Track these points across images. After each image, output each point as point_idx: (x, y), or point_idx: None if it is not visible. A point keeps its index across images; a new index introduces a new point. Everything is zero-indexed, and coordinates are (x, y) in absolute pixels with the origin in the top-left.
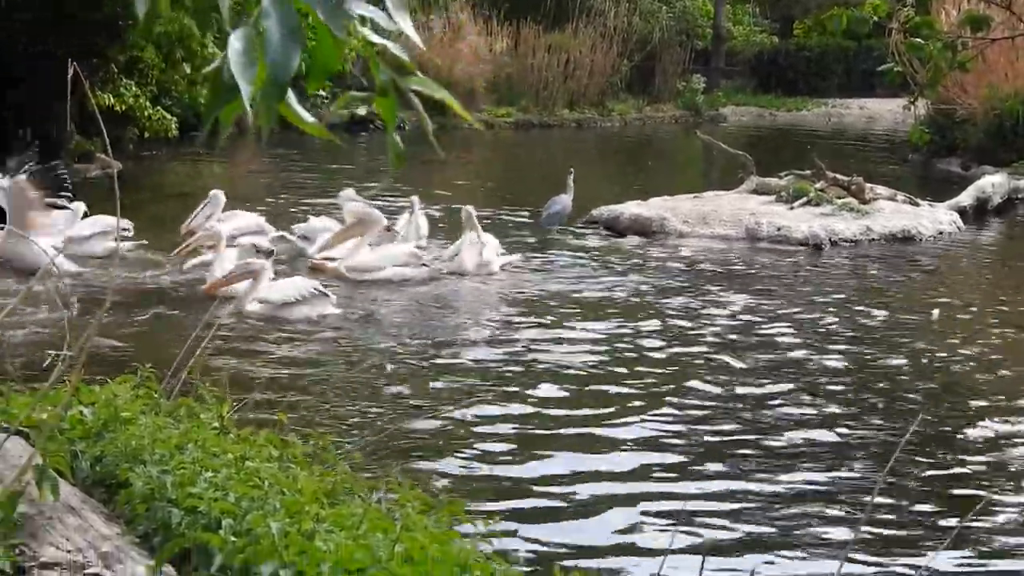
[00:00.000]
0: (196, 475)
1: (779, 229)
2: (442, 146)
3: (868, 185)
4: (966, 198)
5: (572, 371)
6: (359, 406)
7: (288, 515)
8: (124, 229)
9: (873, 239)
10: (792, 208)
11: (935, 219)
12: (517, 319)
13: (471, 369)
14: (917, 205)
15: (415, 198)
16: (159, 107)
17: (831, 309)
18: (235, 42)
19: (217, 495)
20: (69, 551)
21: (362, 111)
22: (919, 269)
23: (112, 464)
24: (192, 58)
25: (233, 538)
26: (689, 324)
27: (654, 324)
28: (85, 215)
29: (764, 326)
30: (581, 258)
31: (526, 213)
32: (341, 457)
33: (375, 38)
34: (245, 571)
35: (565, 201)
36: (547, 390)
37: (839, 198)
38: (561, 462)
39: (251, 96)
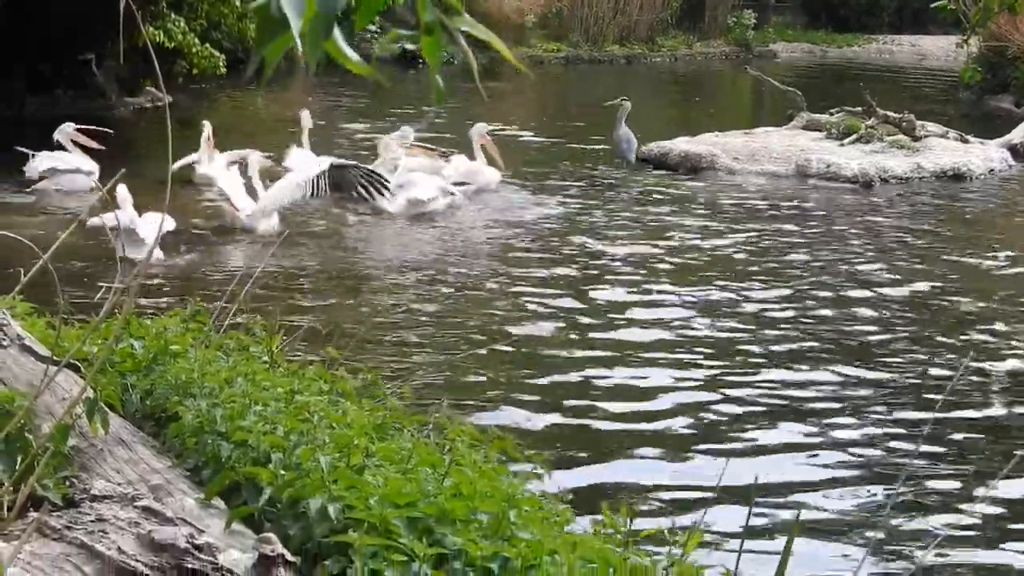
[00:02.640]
0: (245, 409)
1: (829, 166)
2: (494, 79)
3: (919, 122)
4: (1017, 135)
5: (626, 311)
6: (408, 342)
7: (337, 449)
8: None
9: (923, 176)
10: (842, 145)
11: (986, 156)
12: (564, 254)
13: (521, 306)
14: (968, 142)
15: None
16: (207, 44)
17: (887, 249)
18: None
19: (266, 429)
20: (119, 484)
21: (412, 45)
22: (971, 207)
23: (162, 397)
24: None
25: (282, 472)
26: (741, 262)
27: (705, 261)
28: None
29: (816, 266)
30: (633, 194)
31: (585, 145)
32: (390, 392)
33: None
34: (294, 504)
35: (627, 129)
36: (600, 329)
37: (889, 135)
38: (614, 404)
39: (300, 31)
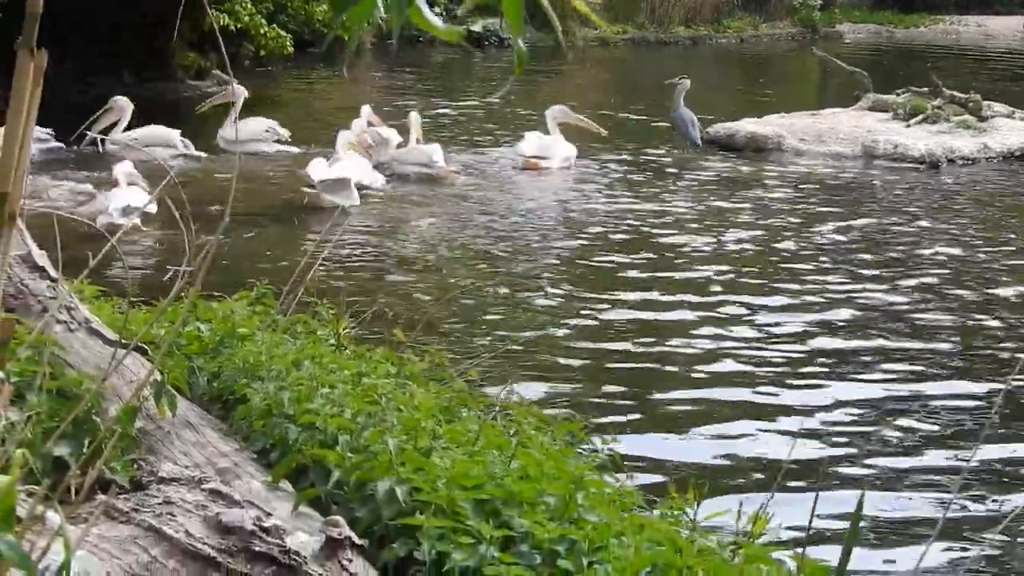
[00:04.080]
0: (313, 391)
1: (896, 147)
2: (560, 61)
3: (985, 102)
4: None
5: (695, 288)
6: (474, 325)
7: (404, 432)
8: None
9: (991, 157)
10: (908, 126)
11: None
12: (636, 237)
13: (590, 288)
14: None
15: (366, 108)
16: (274, 25)
17: (966, 232)
18: None
19: (334, 411)
20: (187, 466)
21: (478, 27)
22: None
23: (229, 380)
24: None
25: (350, 454)
26: (815, 243)
27: (777, 242)
28: None
29: (889, 248)
30: (701, 177)
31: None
32: (457, 374)
33: None
34: (361, 487)
35: (687, 109)
36: (666, 311)
37: (956, 115)
38: (679, 382)
39: None
